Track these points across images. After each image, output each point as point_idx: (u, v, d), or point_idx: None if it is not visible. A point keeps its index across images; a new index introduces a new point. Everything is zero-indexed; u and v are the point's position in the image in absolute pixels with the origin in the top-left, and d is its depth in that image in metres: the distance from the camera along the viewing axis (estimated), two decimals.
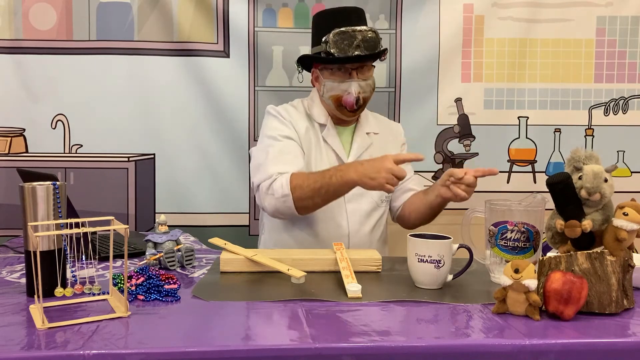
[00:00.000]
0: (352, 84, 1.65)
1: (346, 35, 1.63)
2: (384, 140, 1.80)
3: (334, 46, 1.63)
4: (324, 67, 1.70)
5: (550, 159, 2.32)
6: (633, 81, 2.30)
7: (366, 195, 1.72)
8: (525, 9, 2.24)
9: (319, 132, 1.75)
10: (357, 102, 1.66)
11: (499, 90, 2.29)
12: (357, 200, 1.72)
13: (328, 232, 1.70)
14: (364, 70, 1.68)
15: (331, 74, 1.68)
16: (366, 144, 1.76)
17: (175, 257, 1.37)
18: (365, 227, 1.73)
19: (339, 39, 1.63)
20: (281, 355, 0.87)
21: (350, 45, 1.63)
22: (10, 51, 2.16)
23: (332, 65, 1.67)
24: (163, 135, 2.24)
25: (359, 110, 1.70)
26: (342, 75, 1.66)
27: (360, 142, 1.76)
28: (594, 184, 1.05)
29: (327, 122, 1.75)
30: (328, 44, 1.64)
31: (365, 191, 1.68)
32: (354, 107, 1.67)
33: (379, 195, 1.75)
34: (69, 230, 1.00)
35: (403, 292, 1.17)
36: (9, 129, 2.20)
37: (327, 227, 1.70)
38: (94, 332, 0.92)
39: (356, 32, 1.63)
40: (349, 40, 1.62)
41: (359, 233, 1.71)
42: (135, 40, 2.20)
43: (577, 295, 0.99)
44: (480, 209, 1.30)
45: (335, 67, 1.67)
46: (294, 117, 1.73)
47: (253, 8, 2.21)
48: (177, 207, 2.26)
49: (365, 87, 1.67)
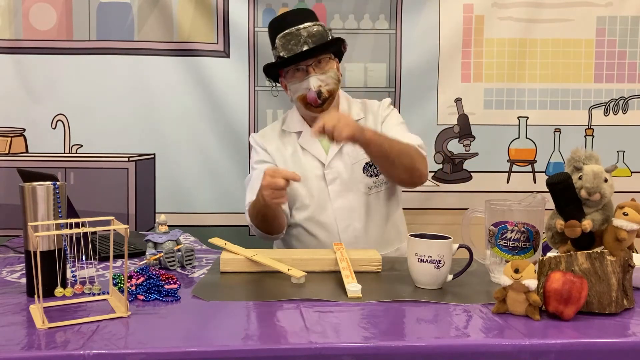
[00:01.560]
0: (310, 79, 1.64)
1: (291, 35, 1.63)
2: (367, 123, 1.76)
3: (282, 49, 1.65)
4: (286, 73, 1.70)
5: (550, 159, 2.32)
6: (633, 81, 2.29)
7: (350, 188, 1.70)
8: (525, 9, 2.24)
9: (296, 141, 1.75)
10: (319, 96, 1.64)
11: (499, 90, 2.29)
12: (342, 197, 1.70)
13: (318, 234, 1.70)
14: (322, 65, 1.66)
15: (292, 77, 1.68)
16: None
17: (175, 257, 1.37)
18: (356, 222, 1.70)
19: (285, 41, 1.64)
20: (281, 355, 0.87)
21: (297, 44, 1.63)
22: (10, 51, 2.17)
23: (287, 67, 1.67)
24: (163, 135, 2.24)
25: (326, 104, 1.67)
26: (301, 75, 1.66)
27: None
28: (594, 184, 1.05)
29: (303, 127, 1.75)
30: (277, 49, 1.66)
31: (349, 185, 1.69)
32: (317, 102, 1.65)
33: (364, 184, 1.70)
34: (69, 230, 1.00)
35: (403, 292, 1.17)
36: (9, 129, 2.20)
37: (317, 230, 1.70)
38: (94, 332, 0.92)
39: (300, 30, 1.63)
40: (294, 40, 1.63)
41: (350, 228, 1.69)
42: (135, 40, 2.20)
43: (577, 295, 0.99)
44: (480, 209, 1.30)
45: (292, 70, 1.67)
46: (267, 139, 1.78)
47: (253, 8, 2.22)
48: (177, 207, 2.26)
49: (326, 79, 1.65)
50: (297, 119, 1.77)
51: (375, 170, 1.71)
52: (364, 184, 1.71)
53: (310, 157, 1.73)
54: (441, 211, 2.28)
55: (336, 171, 1.70)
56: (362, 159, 1.70)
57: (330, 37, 1.67)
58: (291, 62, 1.65)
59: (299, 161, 1.74)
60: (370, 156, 1.57)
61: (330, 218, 1.70)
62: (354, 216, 1.70)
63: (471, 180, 2.31)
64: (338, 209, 1.70)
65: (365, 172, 1.71)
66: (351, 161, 1.71)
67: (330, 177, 1.70)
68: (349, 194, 1.71)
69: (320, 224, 1.70)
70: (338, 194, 1.70)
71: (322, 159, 1.72)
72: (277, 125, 1.83)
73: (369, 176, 1.71)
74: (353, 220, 1.70)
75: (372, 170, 1.71)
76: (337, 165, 1.72)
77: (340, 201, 1.70)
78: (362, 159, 1.70)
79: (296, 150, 1.75)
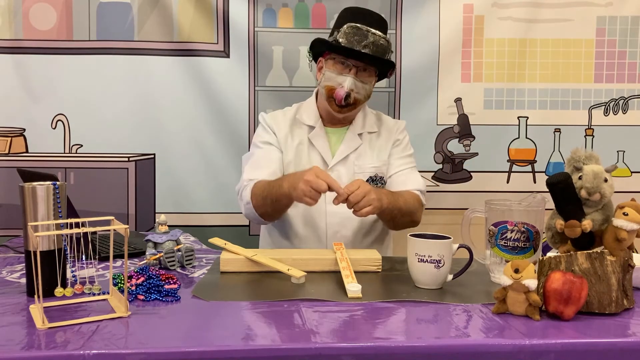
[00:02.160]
0: (348, 78, 1.64)
1: (359, 31, 1.63)
2: (380, 138, 1.79)
3: (344, 37, 1.63)
4: (329, 57, 1.69)
5: (550, 159, 2.32)
6: (633, 81, 2.30)
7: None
8: (525, 9, 2.24)
9: (306, 134, 1.75)
10: (346, 98, 1.64)
11: (499, 90, 2.29)
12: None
13: (307, 234, 1.70)
14: (365, 74, 1.67)
15: (333, 65, 1.67)
16: (355, 144, 1.74)
17: (175, 257, 1.37)
18: (345, 229, 1.69)
19: (351, 32, 1.63)
20: (281, 355, 0.87)
21: (359, 42, 1.62)
22: (10, 51, 2.16)
23: (335, 55, 1.66)
24: (163, 135, 2.24)
25: (348, 108, 1.68)
26: (342, 69, 1.66)
27: (348, 143, 1.74)
28: (594, 184, 1.06)
29: (317, 124, 1.75)
30: (339, 34, 1.65)
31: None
32: (342, 102, 1.65)
33: None
34: (69, 230, 1.00)
35: (403, 292, 1.17)
36: (9, 129, 2.20)
37: (306, 230, 1.70)
38: (94, 332, 0.92)
39: (369, 33, 1.63)
40: (359, 37, 1.62)
41: (338, 235, 1.68)
42: (135, 40, 2.20)
43: (577, 295, 0.99)
44: (480, 209, 1.30)
45: (338, 59, 1.66)
46: (278, 123, 1.76)
47: (253, 8, 2.22)
48: (177, 207, 2.26)
49: (359, 88, 1.66)
50: (312, 112, 1.77)
51: (377, 186, 1.71)
52: None
53: (316, 154, 1.73)
54: (441, 211, 2.28)
55: (337, 175, 1.69)
56: (368, 171, 1.72)
57: (388, 57, 1.68)
58: (345, 53, 1.64)
59: (304, 155, 1.73)
60: (379, 217, 1.62)
61: (322, 221, 1.69)
62: (345, 224, 1.69)
63: (471, 180, 2.31)
64: (330, 214, 1.68)
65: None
66: (355, 170, 1.71)
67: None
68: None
69: (310, 224, 1.69)
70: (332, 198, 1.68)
71: (328, 159, 1.72)
72: (289, 112, 1.81)
73: None
74: (343, 228, 1.69)
75: (374, 185, 1.70)
76: (340, 170, 1.71)
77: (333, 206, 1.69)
78: (368, 172, 1.72)
79: (303, 143, 1.74)
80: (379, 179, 1.74)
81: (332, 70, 1.67)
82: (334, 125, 1.77)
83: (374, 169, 1.74)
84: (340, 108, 1.68)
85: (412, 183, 1.73)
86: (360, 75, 1.66)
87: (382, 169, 1.75)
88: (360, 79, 1.66)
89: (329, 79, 1.67)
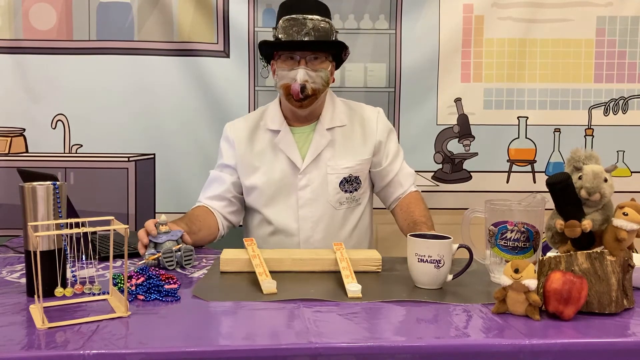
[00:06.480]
0: (299, 71, 1.59)
1: (296, 21, 1.59)
2: (354, 133, 1.73)
3: (283, 32, 1.60)
4: (278, 57, 1.65)
5: (550, 159, 2.32)
6: (633, 81, 2.29)
7: (319, 199, 1.67)
8: (525, 9, 2.24)
9: (270, 138, 1.72)
10: (302, 91, 1.60)
11: (499, 90, 2.29)
12: (309, 205, 1.68)
13: (280, 239, 1.69)
14: (316, 63, 1.62)
15: (283, 62, 1.63)
16: (325, 141, 1.69)
17: (174, 257, 1.37)
18: (317, 234, 1.67)
19: (288, 24, 1.60)
20: (281, 355, 0.87)
21: (299, 32, 1.59)
22: (10, 51, 2.16)
23: (281, 52, 1.63)
24: (163, 135, 2.24)
25: (307, 100, 1.63)
26: (292, 63, 1.62)
27: (318, 140, 1.69)
28: (594, 184, 1.06)
29: (282, 126, 1.71)
30: (278, 30, 1.62)
31: (318, 194, 1.67)
32: (299, 96, 1.61)
33: (336, 199, 1.69)
34: (69, 230, 1.00)
35: (403, 292, 1.17)
36: (9, 129, 2.20)
37: (279, 235, 1.69)
38: (94, 332, 0.92)
39: (307, 20, 1.59)
40: (297, 27, 1.59)
41: (311, 240, 1.67)
42: (135, 40, 2.20)
43: (577, 295, 0.99)
44: (480, 209, 1.30)
45: (285, 55, 1.63)
46: (239, 135, 1.74)
47: (253, 8, 2.21)
48: (177, 207, 2.25)
49: (314, 77, 1.61)
50: (276, 115, 1.73)
51: (352, 187, 1.68)
52: (335, 198, 1.69)
53: (284, 158, 1.70)
54: (441, 211, 2.28)
55: (309, 178, 1.67)
56: (341, 172, 1.68)
57: (334, 39, 1.64)
58: (287, 48, 1.61)
59: (269, 161, 1.70)
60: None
61: (293, 225, 1.68)
62: (317, 229, 1.67)
63: (471, 180, 2.31)
64: (302, 218, 1.67)
65: (342, 186, 1.68)
66: (328, 171, 1.68)
67: (303, 183, 1.68)
68: (317, 204, 1.68)
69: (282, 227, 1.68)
70: (306, 202, 1.67)
71: (298, 164, 1.69)
72: (253, 117, 1.78)
73: (344, 191, 1.68)
74: (315, 232, 1.68)
75: (349, 186, 1.68)
76: (312, 172, 1.68)
77: (307, 210, 1.67)
78: (341, 173, 1.68)
79: (268, 149, 1.71)
80: (353, 179, 1.69)
81: (283, 68, 1.63)
82: (301, 123, 1.73)
83: (348, 169, 1.69)
84: (301, 102, 1.63)
85: (406, 181, 1.74)
86: (311, 64, 1.62)
87: (356, 169, 1.70)
88: (311, 67, 1.61)
89: (282, 77, 1.63)
